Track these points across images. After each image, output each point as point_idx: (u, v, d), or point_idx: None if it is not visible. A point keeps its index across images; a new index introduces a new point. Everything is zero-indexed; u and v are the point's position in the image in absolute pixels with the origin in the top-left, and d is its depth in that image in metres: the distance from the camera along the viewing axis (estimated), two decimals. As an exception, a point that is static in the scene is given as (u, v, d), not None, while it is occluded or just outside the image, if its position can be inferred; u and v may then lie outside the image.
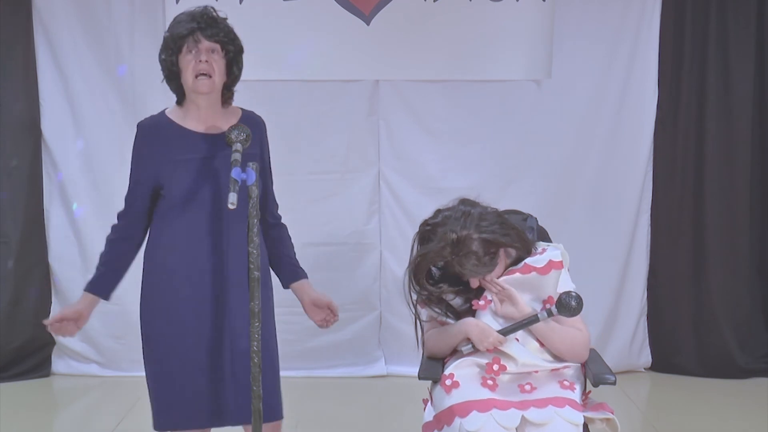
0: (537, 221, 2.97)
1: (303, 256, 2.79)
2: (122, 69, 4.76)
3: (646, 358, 5.04)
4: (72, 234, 4.85)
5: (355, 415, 4.38)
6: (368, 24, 4.73)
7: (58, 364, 4.94)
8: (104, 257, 2.69)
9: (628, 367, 4.96)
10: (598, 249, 4.84)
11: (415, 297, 2.75)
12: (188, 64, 2.56)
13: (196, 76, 2.56)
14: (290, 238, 2.81)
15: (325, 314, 2.77)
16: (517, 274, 2.70)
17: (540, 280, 2.69)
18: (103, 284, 2.68)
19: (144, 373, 2.68)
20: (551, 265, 2.69)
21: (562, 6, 4.75)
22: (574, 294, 2.59)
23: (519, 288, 2.66)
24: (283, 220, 2.82)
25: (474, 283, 2.69)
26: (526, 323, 2.63)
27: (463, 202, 2.71)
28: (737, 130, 4.87)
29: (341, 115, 4.82)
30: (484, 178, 4.79)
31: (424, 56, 4.75)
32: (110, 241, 2.70)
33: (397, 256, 4.84)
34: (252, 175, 2.36)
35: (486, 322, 2.67)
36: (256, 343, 2.35)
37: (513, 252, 2.74)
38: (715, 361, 4.93)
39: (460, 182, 4.73)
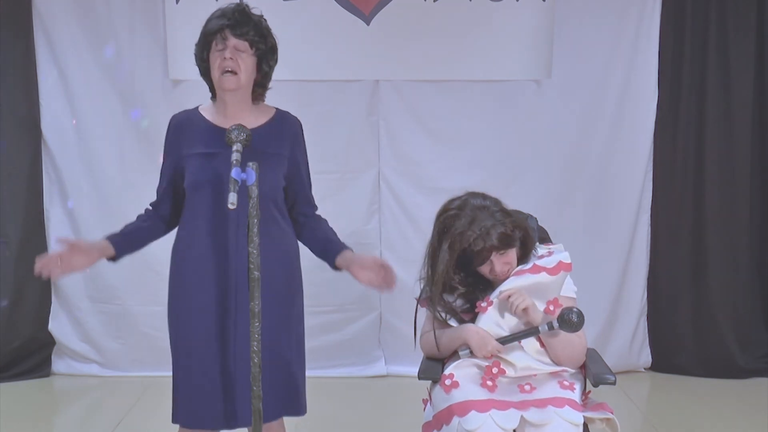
0: (537, 221, 2.98)
1: (302, 256, 2.79)
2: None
3: (646, 358, 5.04)
4: (72, 234, 4.84)
5: (355, 415, 4.38)
6: (368, 24, 4.73)
7: (58, 364, 4.94)
8: (127, 226, 2.71)
9: (628, 367, 4.96)
10: (598, 249, 4.84)
11: (420, 290, 2.76)
12: (215, 61, 2.58)
13: (222, 73, 2.57)
14: (326, 227, 2.79)
15: (375, 274, 2.62)
16: (527, 274, 2.70)
17: (549, 280, 2.70)
18: (121, 240, 2.67)
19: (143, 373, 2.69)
20: (561, 266, 2.71)
21: (562, 6, 4.75)
22: (575, 310, 2.60)
23: (526, 290, 2.67)
24: (320, 213, 2.82)
25: (498, 264, 2.69)
26: (526, 335, 2.64)
27: (472, 194, 2.74)
28: (737, 130, 4.87)
29: (341, 115, 4.82)
30: (484, 178, 4.79)
31: (424, 56, 4.75)
32: (138, 217, 2.75)
33: (397, 255, 4.83)
34: (252, 175, 2.36)
35: (487, 324, 2.67)
36: (255, 343, 2.35)
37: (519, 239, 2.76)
38: (715, 361, 4.93)
39: (460, 182, 4.68)
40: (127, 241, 2.68)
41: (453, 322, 2.76)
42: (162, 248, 2.78)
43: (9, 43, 4.72)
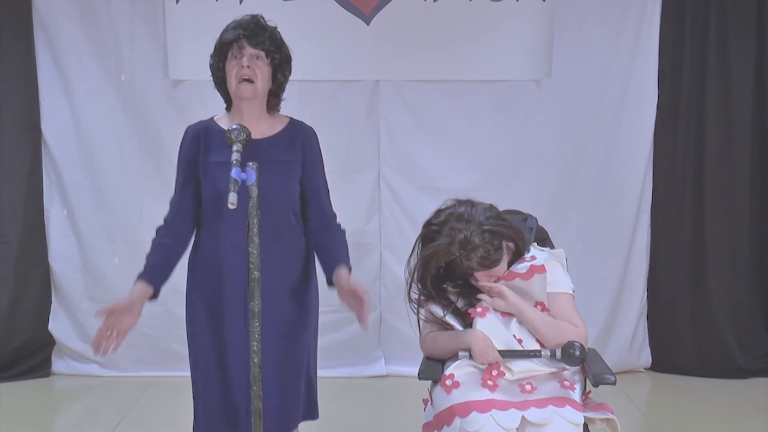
0: (537, 221, 2.98)
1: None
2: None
3: (646, 358, 5.04)
4: (72, 234, 4.85)
5: (355, 415, 4.38)
6: (368, 24, 4.73)
7: (58, 364, 4.94)
8: (150, 257, 2.67)
9: (628, 367, 4.96)
10: (598, 249, 4.84)
11: (416, 296, 2.77)
12: (232, 70, 2.61)
13: (239, 82, 2.60)
14: (337, 239, 2.75)
15: (353, 303, 2.57)
16: (502, 282, 2.72)
17: (526, 285, 2.71)
18: (153, 275, 2.64)
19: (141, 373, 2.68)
20: (533, 270, 2.72)
21: (562, 6, 4.75)
22: (578, 344, 2.62)
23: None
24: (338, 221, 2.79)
25: (481, 277, 2.70)
26: (528, 356, 2.65)
27: (460, 202, 2.73)
28: (737, 130, 4.88)
29: (341, 115, 4.82)
30: (484, 178, 4.79)
31: (424, 56, 4.75)
32: (155, 244, 2.69)
33: (397, 255, 4.84)
34: (252, 175, 2.36)
35: (487, 329, 2.67)
36: (256, 343, 2.35)
37: (512, 246, 2.76)
38: (715, 361, 4.93)
39: (460, 182, 4.73)
40: (160, 274, 2.66)
41: (454, 322, 2.75)
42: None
43: (9, 43, 4.72)
